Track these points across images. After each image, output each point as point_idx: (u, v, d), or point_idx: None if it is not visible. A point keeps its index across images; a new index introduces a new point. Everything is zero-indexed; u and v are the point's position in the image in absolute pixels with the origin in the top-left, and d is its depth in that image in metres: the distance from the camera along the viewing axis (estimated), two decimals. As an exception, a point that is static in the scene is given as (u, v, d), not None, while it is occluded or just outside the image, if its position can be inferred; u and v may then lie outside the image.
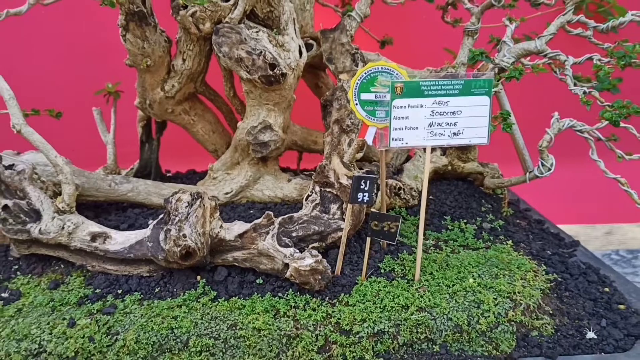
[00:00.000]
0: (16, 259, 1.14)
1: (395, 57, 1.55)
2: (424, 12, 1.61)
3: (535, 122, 1.31)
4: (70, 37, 1.83)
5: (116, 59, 1.41)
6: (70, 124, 1.54)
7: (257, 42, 1.23)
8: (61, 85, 1.54)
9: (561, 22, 1.19)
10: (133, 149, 1.58)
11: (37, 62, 1.50)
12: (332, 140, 1.27)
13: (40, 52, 1.77)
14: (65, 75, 1.78)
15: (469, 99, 0.98)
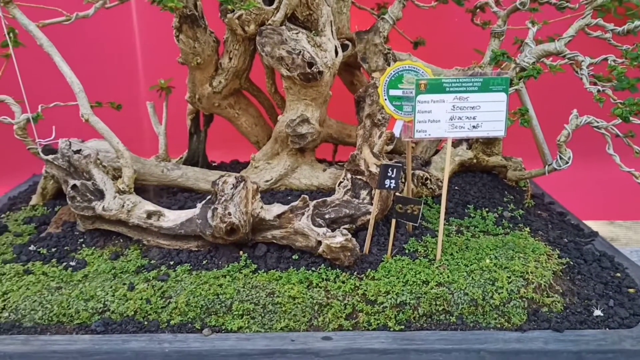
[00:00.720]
0: (81, 233, 1.29)
1: (428, 57, 1.66)
2: (455, 14, 1.70)
3: (556, 118, 1.39)
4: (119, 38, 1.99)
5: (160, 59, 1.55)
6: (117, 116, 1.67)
7: (297, 42, 1.35)
8: (110, 82, 1.68)
9: (580, 26, 1.28)
10: (179, 141, 1.72)
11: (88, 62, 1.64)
12: (364, 133, 1.38)
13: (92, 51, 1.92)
14: (114, 73, 1.92)
15: (487, 95, 1.07)
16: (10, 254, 1.24)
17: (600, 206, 2.00)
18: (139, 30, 1.97)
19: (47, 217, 1.43)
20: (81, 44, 1.47)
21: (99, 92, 1.54)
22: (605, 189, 1.95)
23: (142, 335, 1.00)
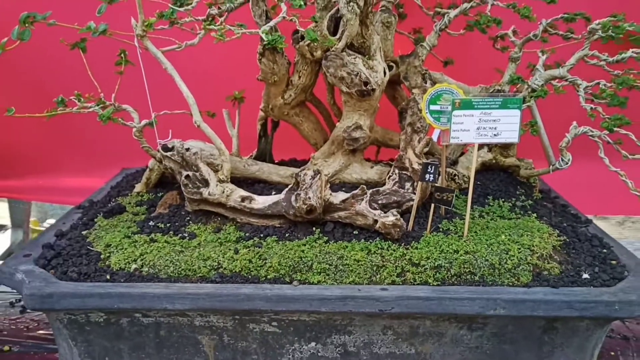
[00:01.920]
0: (187, 213, 1.67)
1: (456, 75, 2.01)
2: (479, 38, 2.03)
3: (561, 125, 1.73)
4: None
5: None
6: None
7: (355, 65, 1.72)
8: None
9: (580, 56, 1.63)
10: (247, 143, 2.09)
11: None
12: (406, 138, 1.74)
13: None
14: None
15: (505, 111, 1.43)
16: (135, 228, 1.62)
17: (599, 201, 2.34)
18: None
19: (153, 201, 1.81)
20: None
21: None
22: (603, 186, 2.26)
23: (249, 285, 1.37)
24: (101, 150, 2.70)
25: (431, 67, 1.96)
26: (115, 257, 1.46)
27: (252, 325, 1.39)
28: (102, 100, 1.67)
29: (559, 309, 1.31)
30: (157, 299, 1.33)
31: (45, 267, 1.45)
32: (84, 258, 1.48)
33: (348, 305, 1.32)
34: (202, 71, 2.39)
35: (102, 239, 1.56)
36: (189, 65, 2.25)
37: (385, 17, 1.90)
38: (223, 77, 2.43)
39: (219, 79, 2.41)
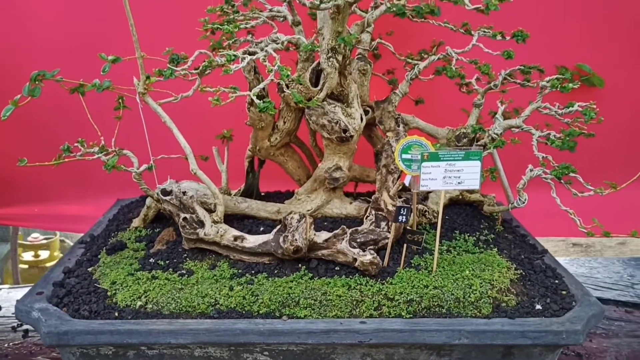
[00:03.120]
0: (184, 250, 1.83)
1: (425, 115, 2.20)
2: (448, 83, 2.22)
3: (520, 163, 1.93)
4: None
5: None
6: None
7: (335, 114, 1.90)
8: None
9: (533, 108, 1.84)
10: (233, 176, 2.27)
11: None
12: (381, 178, 1.94)
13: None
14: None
15: (468, 162, 1.63)
16: (136, 265, 1.78)
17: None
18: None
19: (151, 237, 1.97)
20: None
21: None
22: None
23: (243, 320, 1.55)
24: (94, 178, 2.84)
25: (404, 104, 2.14)
26: (121, 295, 1.63)
27: (246, 355, 1.57)
28: (104, 147, 1.83)
29: (515, 338, 1.51)
30: (162, 334, 1.50)
31: (58, 305, 1.60)
32: (92, 296, 1.64)
33: (331, 337, 1.51)
34: (194, 110, 2.56)
35: (107, 276, 1.72)
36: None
37: (362, 65, 2.09)
38: (214, 113, 2.59)
39: (210, 116, 2.57)
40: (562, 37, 2.57)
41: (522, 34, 1.89)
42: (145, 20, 2.23)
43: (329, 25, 1.84)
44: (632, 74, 2.62)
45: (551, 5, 2.54)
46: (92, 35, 2.53)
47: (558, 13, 2.55)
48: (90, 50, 2.26)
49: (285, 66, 1.56)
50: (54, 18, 2.55)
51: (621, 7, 2.44)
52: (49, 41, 2.56)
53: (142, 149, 1.91)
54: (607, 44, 2.57)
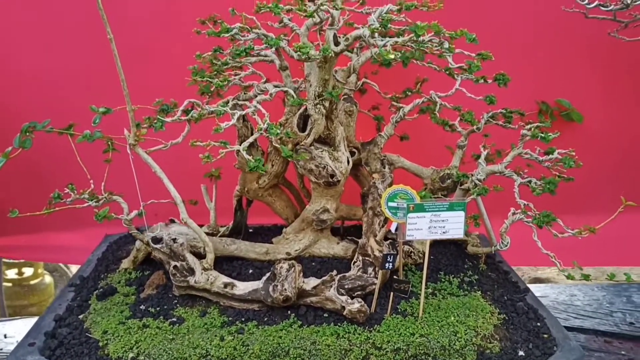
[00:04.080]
0: (174, 296, 1.86)
1: (410, 153, 2.25)
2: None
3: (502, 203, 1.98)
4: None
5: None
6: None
7: (322, 158, 1.94)
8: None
9: (515, 154, 1.89)
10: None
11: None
12: (368, 220, 1.98)
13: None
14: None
15: (452, 212, 1.68)
16: (127, 312, 1.80)
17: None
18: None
19: (141, 280, 1.99)
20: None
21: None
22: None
23: (235, 371, 1.58)
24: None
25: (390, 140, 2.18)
26: (113, 346, 1.65)
27: (237, 404, 1.60)
28: (94, 194, 1.85)
29: (498, 386, 1.57)
30: (155, 388, 1.53)
31: (51, 357, 1.62)
32: (84, 347, 1.66)
33: (321, 388, 1.55)
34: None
35: (98, 325, 1.74)
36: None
37: (348, 106, 2.12)
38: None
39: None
40: (542, 73, 2.63)
41: (504, 78, 1.94)
42: (138, 54, 2.28)
43: (316, 73, 1.88)
44: (609, 109, 2.70)
45: (531, 41, 2.60)
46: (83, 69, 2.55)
47: (538, 48, 2.62)
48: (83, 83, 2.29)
49: (274, 123, 1.59)
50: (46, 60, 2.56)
51: (601, 45, 2.51)
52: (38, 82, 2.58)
53: (133, 188, 1.92)
54: (586, 81, 2.64)
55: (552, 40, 2.60)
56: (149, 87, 2.08)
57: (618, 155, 2.81)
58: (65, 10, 2.48)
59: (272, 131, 1.57)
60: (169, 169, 1.82)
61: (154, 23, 2.51)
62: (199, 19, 1.94)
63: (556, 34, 2.57)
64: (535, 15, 2.55)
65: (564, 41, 2.59)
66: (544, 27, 2.57)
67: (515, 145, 1.96)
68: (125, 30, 2.46)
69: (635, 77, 2.63)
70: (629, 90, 2.66)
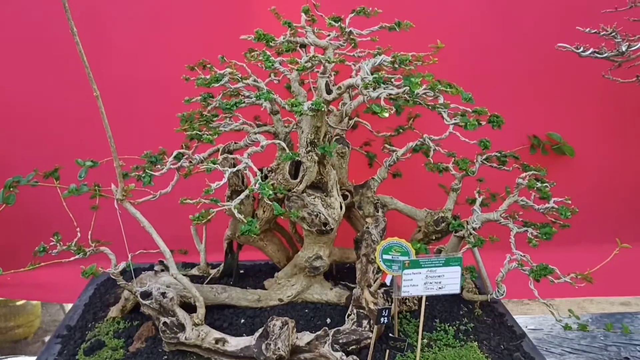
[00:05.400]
0: (165, 352, 1.81)
1: (404, 195, 2.21)
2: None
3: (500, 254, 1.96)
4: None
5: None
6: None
7: (314, 206, 1.90)
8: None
9: (510, 202, 1.87)
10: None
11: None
12: (362, 268, 1.94)
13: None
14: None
15: (448, 268, 1.65)
16: (117, 368, 1.76)
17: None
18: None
19: (129, 331, 1.94)
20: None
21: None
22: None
23: None
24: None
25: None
26: (102, 409, 1.60)
27: None
28: (81, 247, 1.79)
29: None
30: None
31: None
32: (72, 411, 1.61)
33: None
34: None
35: (86, 384, 1.69)
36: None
37: (340, 147, 2.09)
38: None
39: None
40: (533, 107, 2.62)
41: (498, 120, 1.91)
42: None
43: (308, 120, 1.84)
44: (601, 143, 2.69)
45: (523, 75, 2.59)
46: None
47: (529, 82, 2.60)
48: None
49: (265, 183, 1.56)
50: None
51: (592, 79, 2.49)
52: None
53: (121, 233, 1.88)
54: (577, 115, 2.64)
55: (543, 75, 2.59)
56: (138, 131, 2.04)
57: (609, 188, 2.81)
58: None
59: (265, 192, 1.53)
60: (159, 205, 1.78)
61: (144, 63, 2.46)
62: (187, 65, 1.90)
63: (546, 69, 2.56)
64: (527, 50, 2.54)
65: (554, 75, 2.58)
66: (535, 62, 2.56)
67: (510, 192, 1.93)
68: (114, 68, 2.43)
69: (626, 111, 2.63)
70: (620, 124, 2.67)
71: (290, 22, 1.77)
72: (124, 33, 2.43)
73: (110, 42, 2.44)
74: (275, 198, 1.94)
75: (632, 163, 2.77)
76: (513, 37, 2.53)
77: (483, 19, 2.51)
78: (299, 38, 1.81)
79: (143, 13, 2.42)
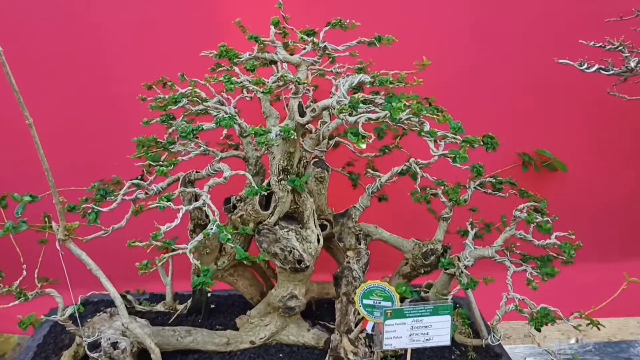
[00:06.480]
0: (118, 407, 1.61)
1: (390, 224, 2.00)
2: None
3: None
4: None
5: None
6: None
7: (288, 240, 1.70)
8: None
9: (506, 236, 1.66)
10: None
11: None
12: (341, 308, 1.74)
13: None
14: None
15: (437, 317, 1.45)
16: None
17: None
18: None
19: (82, 380, 1.74)
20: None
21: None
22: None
23: None
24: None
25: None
26: None
27: None
28: (22, 291, 1.59)
29: None
30: None
31: None
32: None
33: None
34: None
35: None
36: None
37: (318, 172, 1.87)
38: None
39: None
40: (521, 123, 2.46)
41: (492, 142, 1.71)
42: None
43: (280, 146, 1.64)
44: (593, 158, 2.53)
45: (512, 94, 2.42)
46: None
47: (518, 98, 2.44)
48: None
49: (224, 225, 1.36)
50: None
51: (586, 94, 2.33)
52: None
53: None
54: (567, 130, 2.47)
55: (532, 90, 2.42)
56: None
57: (602, 204, 2.66)
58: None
59: (222, 236, 1.32)
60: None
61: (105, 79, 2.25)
62: (144, 84, 1.70)
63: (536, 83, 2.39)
64: (514, 65, 2.38)
65: (545, 91, 2.42)
66: (522, 77, 2.41)
67: (507, 222, 1.73)
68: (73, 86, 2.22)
69: (620, 126, 2.46)
70: (613, 140, 2.51)
71: (258, 37, 1.56)
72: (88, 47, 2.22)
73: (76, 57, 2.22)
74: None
75: (619, 176, 2.61)
76: (499, 51, 2.38)
77: (470, 31, 2.35)
78: (267, 54, 1.60)
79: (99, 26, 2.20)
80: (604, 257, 2.64)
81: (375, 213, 1.98)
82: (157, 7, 2.19)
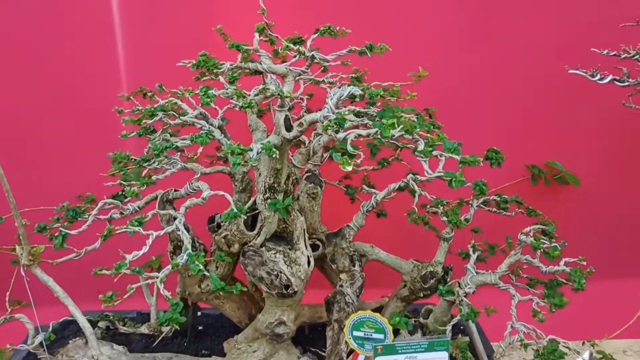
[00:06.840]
0: None
1: (388, 244, 1.87)
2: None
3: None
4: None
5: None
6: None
7: (275, 264, 1.58)
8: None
9: (511, 262, 1.53)
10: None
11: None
12: (333, 336, 1.62)
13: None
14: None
15: (432, 354, 1.32)
16: None
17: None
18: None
19: (56, 411, 1.64)
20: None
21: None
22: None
23: None
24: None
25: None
26: None
27: None
28: (-11, 317, 1.49)
29: None
30: None
31: None
32: None
33: None
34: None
35: None
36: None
37: (311, 187, 1.74)
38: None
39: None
40: (531, 135, 2.33)
41: (497, 157, 1.58)
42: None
43: (266, 162, 1.53)
44: (606, 171, 2.39)
45: (521, 103, 2.29)
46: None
47: (525, 110, 2.30)
48: None
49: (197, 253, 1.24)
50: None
51: (595, 104, 2.20)
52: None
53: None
54: (582, 142, 2.33)
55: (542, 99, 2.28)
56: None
57: (616, 219, 2.51)
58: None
59: (193, 267, 1.21)
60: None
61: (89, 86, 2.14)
62: (121, 94, 1.58)
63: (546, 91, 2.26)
64: (517, 73, 2.25)
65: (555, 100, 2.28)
66: (526, 86, 2.28)
67: (512, 245, 1.60)
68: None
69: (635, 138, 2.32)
70: (628, 153, 2.37)
71: (240, 45, 1.44)
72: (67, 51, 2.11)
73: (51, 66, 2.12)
74: (229, 252, 1.64)
75: (634, 191, 2.46)
76: (508, 58, 2.25)
77: (477, 36, 2.23)
78: (251, 63, 1.48)
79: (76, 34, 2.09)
80: (618, 274, 2.49)
81: (372, 229, 1.85)
82: (145, 13, 2.09)
